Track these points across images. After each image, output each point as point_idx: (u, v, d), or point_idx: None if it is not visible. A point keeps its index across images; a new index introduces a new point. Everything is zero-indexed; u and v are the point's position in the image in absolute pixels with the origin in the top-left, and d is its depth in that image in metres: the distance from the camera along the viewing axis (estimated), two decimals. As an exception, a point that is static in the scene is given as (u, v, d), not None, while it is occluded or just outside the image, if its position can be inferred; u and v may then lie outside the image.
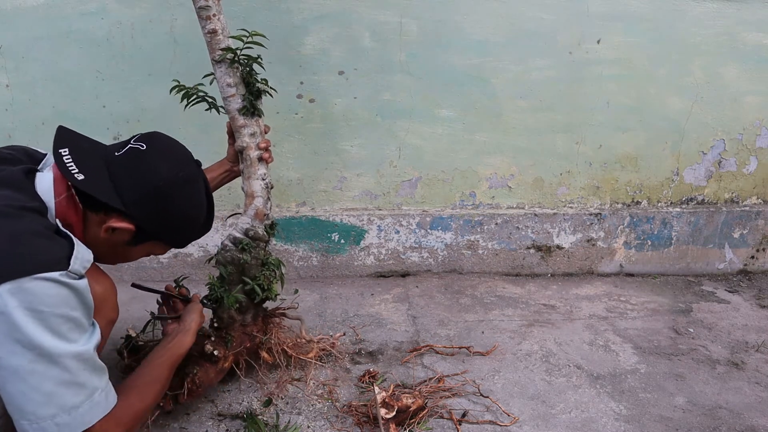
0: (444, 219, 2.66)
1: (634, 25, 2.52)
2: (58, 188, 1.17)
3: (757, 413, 1.76)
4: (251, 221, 1.68)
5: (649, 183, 2.79)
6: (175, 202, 1.25)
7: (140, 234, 1.24)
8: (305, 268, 2.64)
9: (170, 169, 1.24)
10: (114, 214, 1.19)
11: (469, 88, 2.52)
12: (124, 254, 1.32)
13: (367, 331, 2.17)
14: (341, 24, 2.37)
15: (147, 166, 1.21)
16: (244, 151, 1.66)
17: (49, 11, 2.23)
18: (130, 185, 1.19)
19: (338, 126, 2.51)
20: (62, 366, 1.03)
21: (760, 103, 2.71)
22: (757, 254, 2.91)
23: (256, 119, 1.67)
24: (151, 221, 1.23)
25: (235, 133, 1.67)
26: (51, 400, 1.03)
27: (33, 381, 1.01)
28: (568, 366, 1.98)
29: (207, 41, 1.59)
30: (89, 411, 1.08)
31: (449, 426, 1.62)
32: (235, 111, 1.64)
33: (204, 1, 1.55)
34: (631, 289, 2.67)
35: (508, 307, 2.41)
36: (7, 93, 2.30)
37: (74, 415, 1.06)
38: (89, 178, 1.16)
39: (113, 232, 1.22)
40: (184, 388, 1.53)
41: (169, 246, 1.36)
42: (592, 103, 2.61)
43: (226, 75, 1.60)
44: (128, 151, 1.23)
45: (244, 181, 1.70)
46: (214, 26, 1.56)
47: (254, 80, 1.64)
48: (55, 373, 1.02)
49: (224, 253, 1.65)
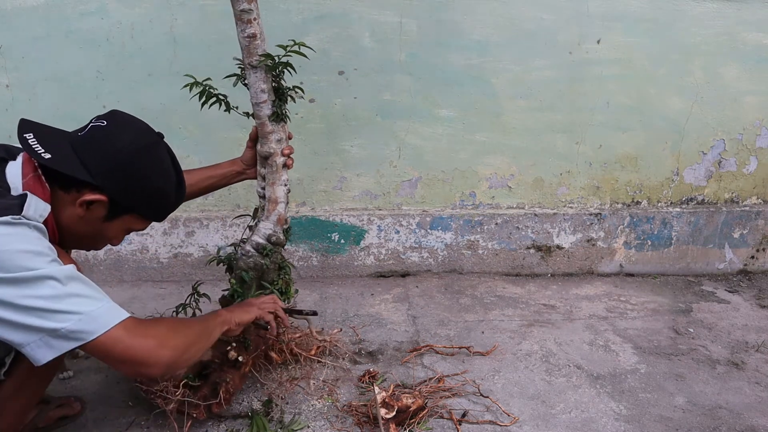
0: (444, 219, 2.66)
1: (634, 25, 2.52)
2: (25, 170, 1.18)
3: (757, 413, 1.76)
4: (273, 227, 1.68)
5: (649, 183, 2.79)
6: (140, 168, 1.26)
7: (114, 206, 1.25)
8: (305, 268, 2.64)
9: (132, 139, 1.26)
10: (85, 189, 1.21)
11: (469, 88, 2.52)
12: (103, 232, 1.31)
13: (367, 331, 2.17)
14: (341, 24, 2.37)
15: (110, 139, 1.24)
16: (271, 157, 1.64)
17: (49, 11, 2.23)
18: (96, 158, 1.21)
19: (338, 126, 2.51)
20: (47, 284, 1.04)
21: (760, 103, 2.71)
22: (757, 254, 2.91)
23: (283, 125, 1.65)
24: (121, 191, 1.24)
25: (262, 138, 1.64)
26: (48, 315, 1.03)
27: (25, 302, 1.02)
28: (568, 366, 1.98)
29: (244, 45, 1.53)
30: (97, 320, 1.07)
31: (449, 426, 1.62)
32: (265, 117, 1.60)
33: (246, 3, 1.49)
34: (631, 289, 2.67)
35: (508, 307, 2.41)
36: (7, 93, 2.30)
37: (85, 322, 1.05)
38: (56, 156, 1.18)
39: (88, 208, 1.23)
40: (219, 397, 1.54)
41: (146, 219, 1.36)
42: (592, 103, 2.61)
43: (261, 81, 1.57)
44: (90, 129, 1.25)
45: (267, 187, 1.68)
46: (254, 30, 1.52)
47: (284, 87, 1.62)
48: (45, 291, 1.03)
49: (246, 259, 1.65)
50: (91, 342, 1.06)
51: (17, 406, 1.28)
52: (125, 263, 2.50)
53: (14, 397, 1.26)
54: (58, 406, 1.56)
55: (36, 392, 1.33)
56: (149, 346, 1.13)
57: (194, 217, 2.50)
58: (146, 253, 2.52)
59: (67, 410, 1.58)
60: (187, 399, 1.51)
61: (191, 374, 1.56)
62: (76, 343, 1.05)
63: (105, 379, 1.80)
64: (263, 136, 1.63)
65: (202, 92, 1.63)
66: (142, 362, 1.12)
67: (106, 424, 1.59)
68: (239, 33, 1.53)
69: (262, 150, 1.65)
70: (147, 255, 2.52)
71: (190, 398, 1.51)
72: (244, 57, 1.55)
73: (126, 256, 2.50)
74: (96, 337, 1.06)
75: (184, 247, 2.53)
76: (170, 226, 2.49)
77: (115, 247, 2.47)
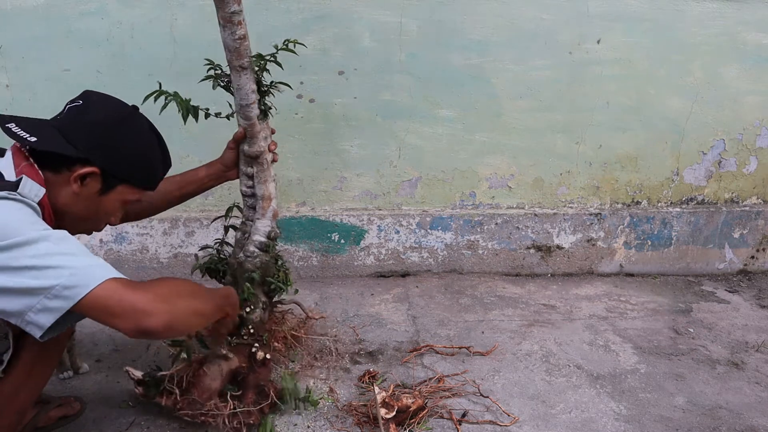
0: (444, 219, 2.66)
1: (634, 25, 2.52)
2: (16, 161, 1.21)
3: (757, 413, 1.76)
4: (271, 223, 1.69)
5: (649, 183, 2.79)
6: (123, 136, 1.30)
7: (106, 178, 1.28)
8: (305, 268, 2.64)
9: (110, 112, 1.31)
10: (76, 166, 1.23)
11: (469, 88, 2.52)
12: (101, 208, 1.32)
13: (367, 331, 2.17)
14: (341, 24, 2.37)
15: (89, 114, 1.28)
16: (261, 155, 1.64)
17: (49, 11, 2.23)
18: (80, 134, 1.25)
19: (338, 126, 2.51)
20: (39, 244, 1.05)
21: (760, 103, 2.71)
22: (757, 254, 2.91)
23: (266, 122, 1.65)
24: (109, 160, 1.27)
25: (251, 139, 1.62)
26: (41, 272, 1.04)
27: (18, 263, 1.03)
28: (568, 366, 1.98)
29: (234, 47, 1.49)
30: (90, 274, 1.06)
31: (449, 426, 1.62)
32: (255, 117, 1.58)
33: (236, 5, 1.46)
34: (631, 289, 2.67)
35: (508, 307, 2.41)
36: (7, 93, 2.30)
37: (79, 276, 1.05)
38: (41, 139, 1.21)
39: (83, 183, 1.25)
40: (270, 398, 1.57)
41: (138, 188, 1.37)
42: (592, 103, 2.61)
43: (250, 81, 1.54)
44: (68, 110, 1.29)
45: (258, 185, 1.68)
46: (243, 32, 1.49)
47: (264, 83, 1.60)
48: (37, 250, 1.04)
49: (253, 260, 1.65)
50: (86, 297, 1.04)
51: (16, 405, 1.28)
52: (125, 263, 2.50)
53: (13, 396, 1.26)
54: (58, 406, 1.56)
55: (34, 390, 1.33)
56: (146, 297, 1.10)
57: (194, 217, 2.50)
58: (146, 253, 2.52)
59: (67, 410, 1.58)
60: (238, 410, 1.52)
61: (229, 385, 1.57)
62: (72, 300, 1.04)
63: (105, 379, 1.80)
64: (252, 137, 1.61)
65: (183, 106, 1.60)
66: (141, 311, 1.07)
67: (106, 424, 1.59)
68: (228, 36, 1.49)
69: (252, 150, 1.63)
70: (147, 255, 2.52)
71: (240, 408, 1.52)
72: (232, 59, 1.51)
73: (126, 256, 2.50)
74: (90, 290, 1.04)
75: (184, 247, 2.53)
76: (170, 226, 2.50)
77: (116, 247, 2.48)
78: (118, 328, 1.08)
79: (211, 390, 1.53)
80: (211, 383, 1.54)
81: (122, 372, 1.82)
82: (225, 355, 1.57)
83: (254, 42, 1.58)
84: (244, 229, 1.73)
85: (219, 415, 1.49)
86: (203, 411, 1.49)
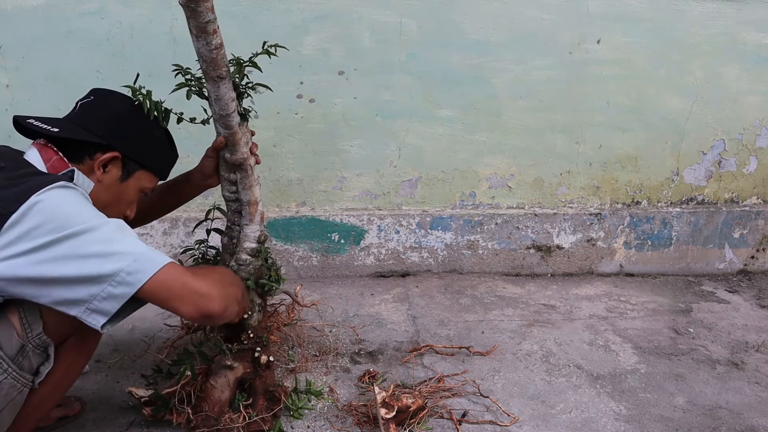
0: (444, 219, 2.66)
1: (634, 25, 2.52)
2: (45, 155, 1.25)
3: (757, 413, 1.76)
4: (259, 227, 1.67)
5: (649, 183, 2.79)
6: (137, 122, 1.37)
7: (127, 163, 1.35)
8: (305, 268, 2.64)
9: (121, 102, 1.38)
10: (97, 153, 1.30)
11: (469, 88, 2.52)
12: (121, 196, 1.38)
13: (367, 331, 2.17)
14: (341, 24, 2.38)
15: (102, 106, 1.35)
16: (245, 162, 1.57)
17: (49, 11, 2.23)
18: (97, 124, 1.31)
19: (338, 126, 2.51)
20: (101, 230, 1.09)
21: (760, 103, 2.71)
22: (757, 254, 2.91)
23: (245, 125, 1.58)
24: (128, 145, 1.34)
25: (233, 147, 1.55)
26: (105, 258, 1.07)
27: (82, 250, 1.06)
28: (568, 366, 1.98)
29: (210, 58, 1.39)
30: (151, 259, 1.10)
31: (449, 426, 1.62)
32: (236, 126, 1.51)
33: (211, 13, 1.36)
34: (631, 289, 2.67)
35: (508, 307, 2.41)
36: (7, 93, 2.30)
37: (141, 261, 1.08)
38: (63, 129, 1.27)
39: (105, 169, 1.31)
40: (282, 402, 1.58)
41: (154, 175, 1.43)
42: (592, 103, 2.62)
43: (229, 90, 1.46)
44: (80, 107, 1.36)
45: (243, 191, 1.61)
46: (219, 40, 1.39)
47: (240, 85, 1.53)
48: (100, 235, 1.08)
49: (246, 267, 1.62)
50: (149, 281, 1.08)
51: (40, 414, 1.29)
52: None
53: (39, 406, 1.26)
54: (58, 406, 1.56)
55: (57, 400, 1.34)
56: (206, 282, 1.17)
57: (194, 217, 2.50)
58: (146, 253, 2.52)
59: (67, 410, 1.58)
60: (253, 418, 1.51)
61: (237, 394, 1.57)
62: (136, 286, 1.07)
63: (105, 379, 1.80)
64: (234, 144, 1.54)
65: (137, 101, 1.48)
66: (203, 294, 1.14)
67: (106, 424, 1.59)
68: (203, 46, 1.38)
69: (235, 158, 1.55)
70: (147, 255, 2.52)
71: (254, 417, 1.52)
72: (208, 69, 1.42)
73: (126, 256, 2.50)
74: (153, 274, 1.08)
75: (184, 247, 2.52)
76: (170, 226, 2.49)
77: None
78: (179, 311, 1.13)
79: (222, 401, 1.52)
80: (221, 395, 1.52)
81: (122, 372, 1.82)
82: (230, 365, 1.56)
83: (254, 42, 1.59)
84: (230, 234, 1.68)
85: (234, 427, 1.48)
86: (219, 427, 1.48)
